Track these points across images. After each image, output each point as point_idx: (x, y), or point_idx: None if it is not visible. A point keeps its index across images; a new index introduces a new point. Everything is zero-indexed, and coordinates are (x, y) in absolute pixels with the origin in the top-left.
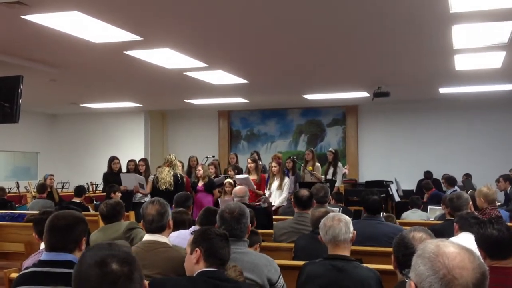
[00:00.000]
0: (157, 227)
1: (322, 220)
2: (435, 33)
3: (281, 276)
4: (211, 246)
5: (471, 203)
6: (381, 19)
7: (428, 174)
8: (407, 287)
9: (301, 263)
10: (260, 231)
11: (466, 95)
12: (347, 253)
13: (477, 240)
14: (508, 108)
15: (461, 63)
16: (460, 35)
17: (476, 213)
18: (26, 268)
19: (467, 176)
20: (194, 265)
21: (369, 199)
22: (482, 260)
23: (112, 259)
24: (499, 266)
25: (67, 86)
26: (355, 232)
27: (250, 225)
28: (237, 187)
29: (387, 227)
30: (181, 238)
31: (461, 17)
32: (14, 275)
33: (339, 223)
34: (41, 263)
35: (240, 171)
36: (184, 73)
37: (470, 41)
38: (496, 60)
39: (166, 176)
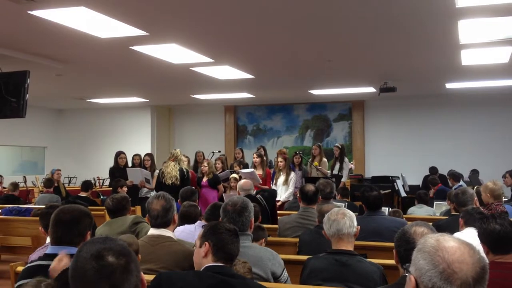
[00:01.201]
0: (162, 222)
1: (326, 215)
2: (441, 28)
3: (285, 270)
4: (219, 241)
5: (476, 198)
6: (387, 15)
7: (433, 170)
8: (407, 281)
9: (305, 257)
10: (266, 226)
11: (473, 90)
12: (350, 247)
13: (480, 235)
14: None
15: (468, 58)
16: (467, 30)
17: (482, 209)
18: (32, 261)
19: (474, 172)
20: (203, 258)
21: (369, 196)
22: (482, 254)
23: (108, 252)
24: (502, 261)
25: (73, 81)
26: (359, 227)
27: (253, 219)
28: (242, 181)
29: (391, 221)
30: (186, 232)
31: (467, 11)
32: (20, 268)
33: (343, 217)
34: (46, 256)
35: (245, 166)
36: (190, 68)
37: (477, 36)
38: (503, 55)
39: (172, 170)
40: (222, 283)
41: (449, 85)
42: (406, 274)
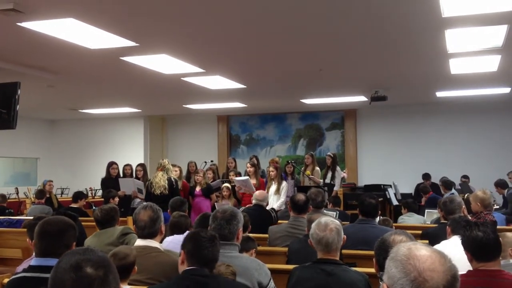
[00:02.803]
0: (149, 233)
1: (313, 227)
2: (429, 38)
3: (271, 280)
4: (192, 248)
5: (464, 206)
6: (377, 25)
7: (426, 176)
8: None
9: (293, 267)
10: (257, 235)
11: (463, 98)
12: (336, 257)
13: (463, 243)
14: (505, 111)
15: (457, 67)
16: (454, 39)
17: (470, 217)
18: (16, 273)
19: (465, 178)
20: (180, 265)
21: (364, 202)
22: (453, 262)
23: (86, 263)
24: (485, 268)
25: (65, 92)
26: (345, 236)
27: (241, 229)
28: (258, 191)
29: (380, 230)
30: (175, 243)
31: (454, 21)
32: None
33: (331, 232)
34: (30, 268)
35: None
36: (181, 78)
37: (465, 45)
38: (491, 64)
39: (160, 180)
40: (195, 283)
41: (439, 94)
42: (381, 283)
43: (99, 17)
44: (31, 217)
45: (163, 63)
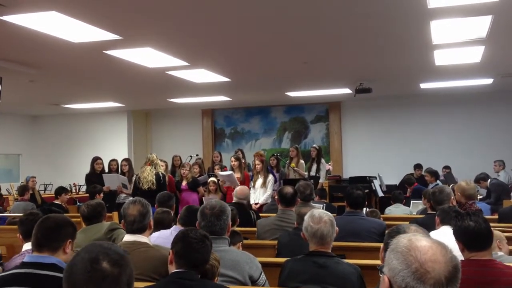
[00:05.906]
0: (139, 228)
1: (307, 220)
2: (414, 29)
3: (262, 273)
4: (181, 249)
5: (452, 197)
6: (361, 17)
7: (417, 167)
8: (381, 281)
9: (283, 260)
10: (245, 229)
11: (446, 89)
12: (329, 249)
13: (455, 233)
14: (488, 101)
15: (441, 58)
16: (439, 30)
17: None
18: (7, 270)
19: (447, 169)
20: (169, 265)
21: (352, 194)
22: (454, 253)
23: (104, 257)
24: (477, 258)
25: (47, 87)
26: (337, 229)
27: (230, 223)
28: (239, 188)
29: (369, 222)
30: (162, 238)
31: (439, 12)
32: None
33: (325, 224)
34: (23, 264)
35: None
36: (166, 72)
37: (449, 36)
38: (475, 55)
39: (148, 175)
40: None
41: (423, 85)
42: (380, 275)
43: (82, 10)
44: (15, 214)
45: (147, 57)
